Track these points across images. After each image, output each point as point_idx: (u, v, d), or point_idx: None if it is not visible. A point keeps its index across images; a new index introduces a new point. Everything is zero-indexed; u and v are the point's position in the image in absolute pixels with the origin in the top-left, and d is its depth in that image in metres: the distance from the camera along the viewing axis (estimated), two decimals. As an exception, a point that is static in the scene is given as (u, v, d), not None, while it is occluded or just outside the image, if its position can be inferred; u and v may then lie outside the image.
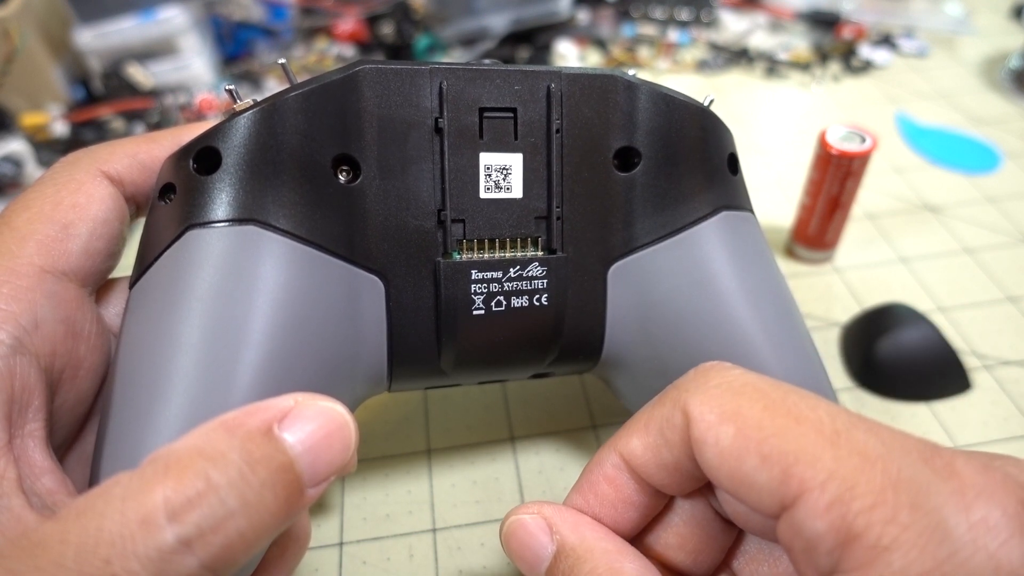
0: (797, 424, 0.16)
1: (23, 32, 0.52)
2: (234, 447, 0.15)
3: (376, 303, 0.22)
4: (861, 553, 0.15)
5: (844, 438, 0.16)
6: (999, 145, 0.50)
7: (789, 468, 0.16)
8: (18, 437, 0.18)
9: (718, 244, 0.25)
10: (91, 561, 0.13)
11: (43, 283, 0.20)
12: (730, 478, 0.17)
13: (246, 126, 0.21)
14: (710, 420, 0.17)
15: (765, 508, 0.16)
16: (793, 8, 0.64)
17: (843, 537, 0.15)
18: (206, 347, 0.19)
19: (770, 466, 0.16)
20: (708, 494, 0.20)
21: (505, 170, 0.23)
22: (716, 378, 0.18)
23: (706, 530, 0.21)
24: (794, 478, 0.15)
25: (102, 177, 0.22)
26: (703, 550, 0.21)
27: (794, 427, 0.16)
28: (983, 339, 0.36)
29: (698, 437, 0.17)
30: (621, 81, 0.23)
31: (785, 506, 0.16)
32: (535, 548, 0.20)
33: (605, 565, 0.18)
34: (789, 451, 0.16)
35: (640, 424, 0.20)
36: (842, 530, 0.15)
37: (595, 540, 0.19)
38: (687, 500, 0.21)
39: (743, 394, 0.17)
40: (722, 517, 0.20)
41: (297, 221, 0.21)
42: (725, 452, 0.17)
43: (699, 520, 0.21)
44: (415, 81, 0.22)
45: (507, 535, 0.20)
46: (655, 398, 0.20)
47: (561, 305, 0.24)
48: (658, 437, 0.19)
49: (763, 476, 0.16)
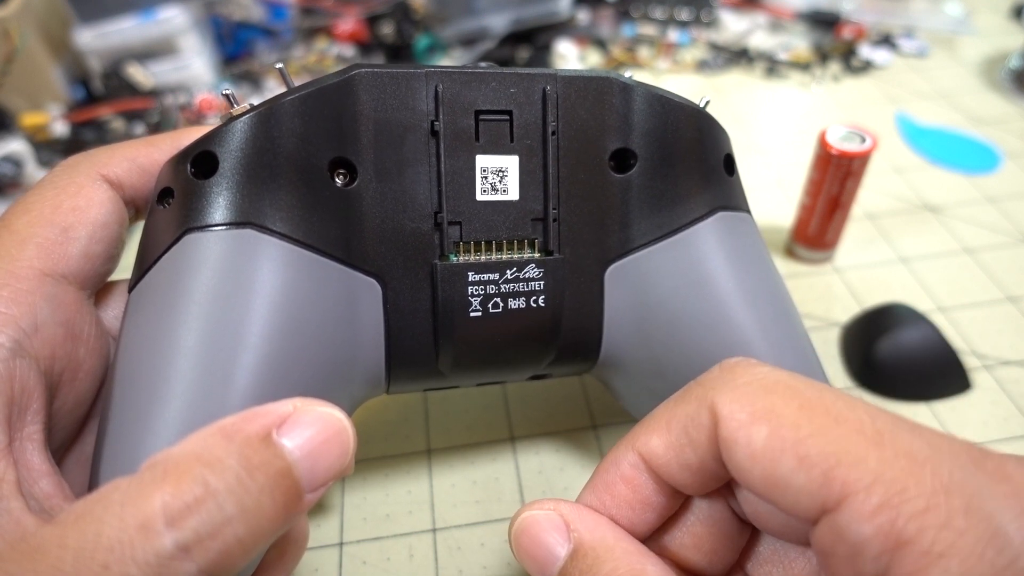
0: (837, 424, 0.16)
1: (23, 32, 0.52)
2: (232, 453, 0.15)
3: (373, 306, 0.22)
4: (913, 559, 0.14)
5: (888, 439, 0.15)
6: (999, 145, 0.50)
7: (830, 470, 0.15)
8: (17, 440, 0.18)
9: (715, 244, 0.25)
10: (89, 566, 0.13)
11: (43, 286, 0.20)
12: (763, 480, 0.16)
13: (243, 130, 0.21)
14: (741, 419, 0.17)
15: (802, 511, 0.16)
16: (793, 8, 0.64)
17: (892, 542, 0.14)
18: (204, 350, 0.19)
19: (808, 468, 0.15)
20: (727, 494, 0.20)
21: (501, 172, 0.23)
22: (744, 375, 0.18)
23: (723, 530, 0.20)
24: (836, 481, 0.15)
25: (102, 181, 0.22)
26: (719, 550, 0.20)
27: (833, 427, 0.16)
28: (983, 339, 0.36)
29: (728, 437, 0.17)
30: (616, 83, 0.23)
31: (826, 509, 0.15)
32: (549, 546, 0.19)
33: (626, 566, 0.18)
34: (829, 452, 0.15)
35: (661, 423, 0.19)
36: (891, 535, 0.14)
37: (615, 540, 0.18)
38: (704, 500, 0.20)
39: (775, 392, 0.17)
40: (739, 517, 0.20)
41: (294, 224, 0.21)
42: (758, 453, 0.16)
43: (716, 520, 0.20)
44: (411, 84, 0.22)
45: (519, 532, 0.20)
46: (676, 395, 0.19)
47: (558, 307, 0.24)
48: (681, 436, 0.18)
49: (801, 478, 0.15)
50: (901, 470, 0.15)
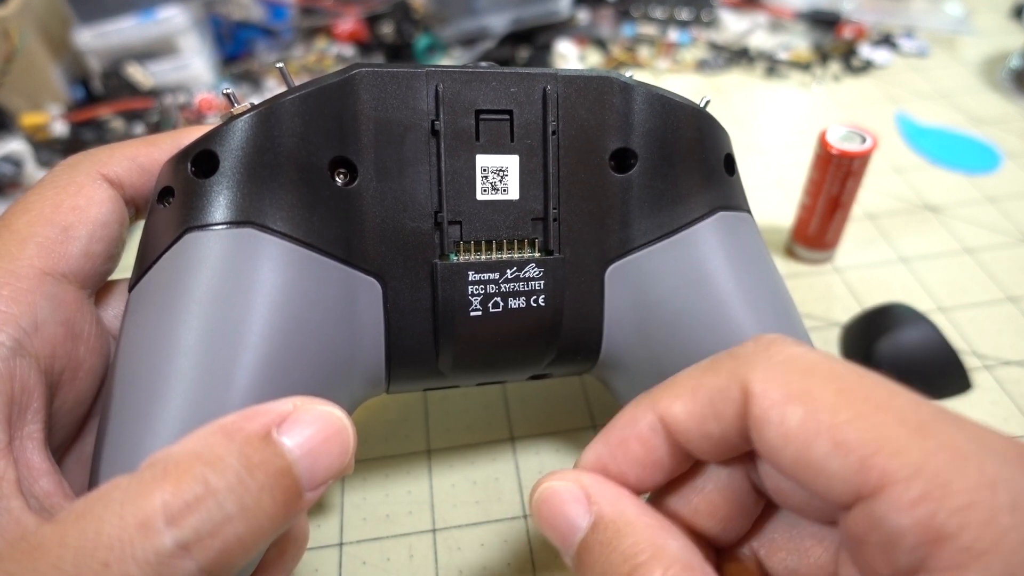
0: (877, 411, 0.15)
1: (23, 32, 0.52)
2: (232, 451, 0.15)
3: (374, 305, 0.22)
4: (953, 555, 0.14)
5: (931, 430, 0.15)
6: (999, 145, 0.50)
7: (868, 458, 0.15)
8: (17, 439, 0.18)
9: (715, 244, 0.25)
10: (89, 564, 0.13)
11: (43, 285, 0.20)
12: (794, 461, 0.16)
13: (243, 129, 0.21)
14: (775, 398, 0.16)
15: (834, 496, 0.15)
16: (793, 8, 0.64)
17: (932, 536, 0.14)
18: (204, 349, 0.19)
19: (845, 453, 0.15)
20: (747, 464, 0.19)
21: (502, 172, 0.23)
22: (781, 353, 0.17)
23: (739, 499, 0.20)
24: (874, 469, 0.15)
25: (102, 180, 0.22)
26: (733, 518, 0.20)
27: (873, 414, 0.15)
28: (983, 339, 0.36)
29: (760, 415, 0.16)
30: (617, 83, 0.23)
31: (861, 496, 0.15)
32: (570, 518, 0.18)
33: (647, 540, 0.17)
34: (868, 440, 0.15)
35: (686, 390, 0.18)
36: (931, 528, 0.14)
37: (636, 514, 0.18)
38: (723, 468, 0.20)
39: (814, 373, 0.16)
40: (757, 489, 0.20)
41: (294, 223, 0.21)
42: (791, 434, 0.16)
43: (734, 489, 0.20)
44: (411, 84, 0.22)
45: (539, 501, 0.19)
46: (704, 364, 0.19)
47: (558, 306, 0.24)
48: (707, 407, 0.18)
49: (835, 463, 0.15)
50: (944, 463, 0.14)
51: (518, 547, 0.29)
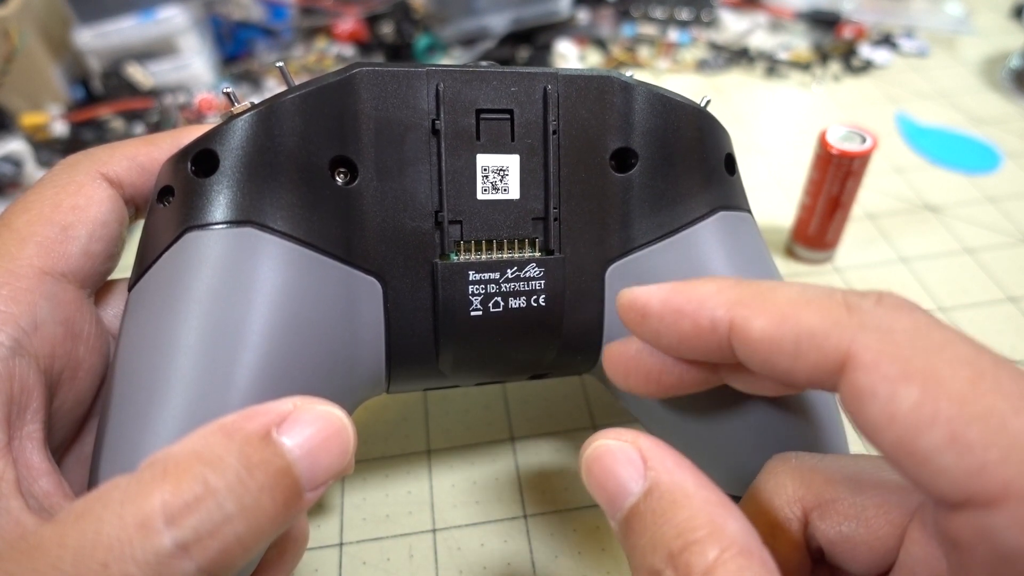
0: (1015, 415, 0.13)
1: (23, 32, 0.52)
2: (232, 451, 0.15)
3: (374, 304, 0.22)
4: None
5: None
6: (999, 145, 0.50)
7: (991, 465, 0.13)
8: (17, 439, 0.18)
9: (715, 244, 0.25)
10: (89, 565, 0.13)
11: (43, 285, 0.20)
12: (895, 445, 0.14)
13: (243, 129, 0.21)
14: (888, 373, 0.14)
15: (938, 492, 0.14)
16: (793, 8, 0.64)
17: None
18: (204, 349, 0.19)
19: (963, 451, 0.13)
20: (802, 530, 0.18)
21: (502, 171, 0.23)
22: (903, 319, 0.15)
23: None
24: (996, 479, 0.13)
25: (101, 179, 0.22)
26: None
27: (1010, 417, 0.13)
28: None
29: (864, 388, 0.14)
30: (617, 82, 0.23)
31: (974, 503, 0.13)
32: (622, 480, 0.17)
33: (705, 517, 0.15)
34: (994, 444, 0.13)
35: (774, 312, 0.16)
36: None
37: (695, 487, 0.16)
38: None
39: (942, 353, 0.14)
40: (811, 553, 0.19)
41: (295, 223, 0.21)
42: (899, 415, 0.14)
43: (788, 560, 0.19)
44: (412, 83, 0.22)
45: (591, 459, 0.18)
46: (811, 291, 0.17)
47: (559, 306, 0.24)
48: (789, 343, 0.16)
49: (948, 459, 0.13)
50: None
51: (518, 547, 0.29)
